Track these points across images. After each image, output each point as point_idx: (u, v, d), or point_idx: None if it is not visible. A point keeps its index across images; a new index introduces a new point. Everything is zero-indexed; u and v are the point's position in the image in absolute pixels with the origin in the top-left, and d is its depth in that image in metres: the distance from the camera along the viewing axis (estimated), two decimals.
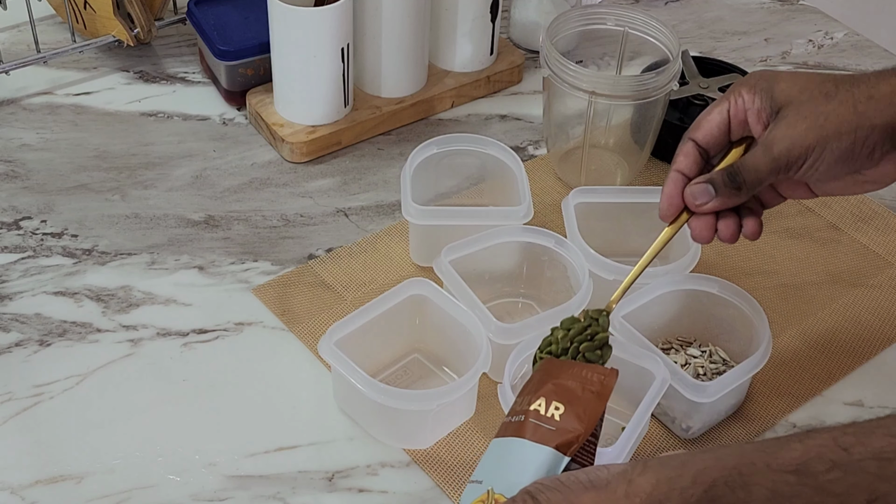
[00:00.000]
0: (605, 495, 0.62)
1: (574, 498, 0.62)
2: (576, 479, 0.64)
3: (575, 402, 0.69)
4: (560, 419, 0.68)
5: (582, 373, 0.71)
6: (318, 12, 1.03)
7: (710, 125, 0.81)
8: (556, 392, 0.69)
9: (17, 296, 0.96)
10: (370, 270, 0.99)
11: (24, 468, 0.83)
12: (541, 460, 0.67)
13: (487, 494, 0.67)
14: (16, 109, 1.14)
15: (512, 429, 0.69)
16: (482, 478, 0.69)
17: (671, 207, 0.81)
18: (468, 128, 1.15)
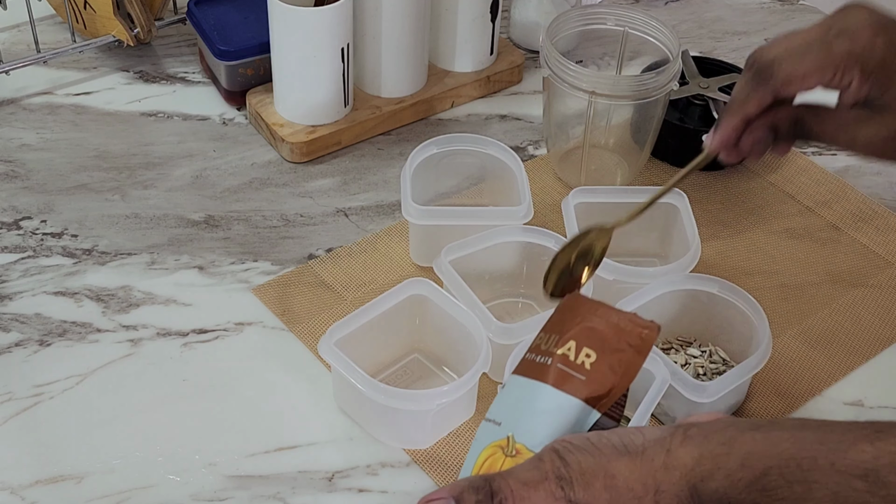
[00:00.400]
0: (640, 464, 0.58)
1: (606, 463, 0.59)
2: (608, 442, 0.59)
3: (609, 352, 0.63)
4: (591, 368, 0.62)
5: (617, 320, 0.64)
6: (318, 12, 1.03)
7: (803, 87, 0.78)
8: (587, 337, 0.63)
9: (17, 296, 0.96)
10: (370, 270, 0.99)
11: (24, 468, 0.83)
12: (567, 412, 0.62)
13: (508, 441, 0.62)
14: (16, 109, 1.14)
15: (536, 371, 0.63)
16: (501, 419, 0.64)
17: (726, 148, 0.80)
18: (468, 128, 1.15)
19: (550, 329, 0.65)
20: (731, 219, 1.06)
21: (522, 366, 0.65)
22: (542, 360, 0.63)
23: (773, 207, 1.08)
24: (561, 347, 0.63)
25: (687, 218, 0.95)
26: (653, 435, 0.59)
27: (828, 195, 1.09)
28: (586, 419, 0.62)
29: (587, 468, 0.59)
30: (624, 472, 0.58)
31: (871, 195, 1.10)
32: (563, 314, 0.65)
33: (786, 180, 1.10)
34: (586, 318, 0.64)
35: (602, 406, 0.62)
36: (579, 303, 0.65)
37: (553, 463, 0.59)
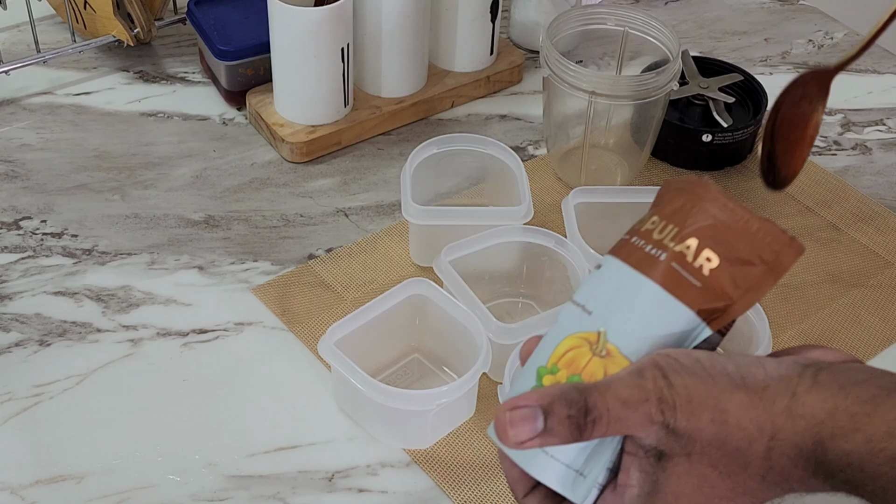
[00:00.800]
0: (759, 404, 0.51)
1: (718, 394, 0.51)
2: (723, 369, 0.52)
3: (735, 262, 0.54)
4: (710, 275, 0.53)
5: (757, 228, 0.55)
6: (318, 12, 1.03)
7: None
8: (714, 237, 0.54)
9: (17, 296, 0.96)
10: (370, 270, 0.99)
11: (24, 468, 0.83)
12: (674, 321, 0.54)
13: (599, 338, 0.54)
14: (16, 109, 1.14)
15: (644, 262, 0.55)
16: (592, 307, 0.55)
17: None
18: (468, 128, 1.15)
19: (668, 215, 0.55)
20: None
21: (626, 250, 0.56)
22: (653, 252, 0.54)
23: (773, 207, 1.08)
24: (679, 243, 0.54)
25: None
26: (775, 371, 0.52)
27: (828, 195, 1.09)
28: (693, 333, 0.54)
29: (695, 395, 0.51)
30: (738, 408, 0.51)
31: (871, 195, 1.10)
32: (686, 201, 0.56)
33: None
34: (717, 216, 0.54)
35: (715, 323, 0.53)
36: (710, 194, 0.55)
37: (656, 382, 0.52)
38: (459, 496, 0.83)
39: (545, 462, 0.55)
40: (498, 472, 0.84)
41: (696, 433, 0.52)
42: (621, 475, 0.54)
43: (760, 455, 0.52)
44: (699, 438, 0.52)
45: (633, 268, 0.55)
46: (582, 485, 0.55)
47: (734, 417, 0.52)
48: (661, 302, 0.54)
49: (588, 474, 0.55)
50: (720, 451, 0.52)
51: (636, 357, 0.54)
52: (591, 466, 0.55)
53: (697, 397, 0.51)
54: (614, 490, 0.55)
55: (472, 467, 0.85)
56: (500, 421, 0.53)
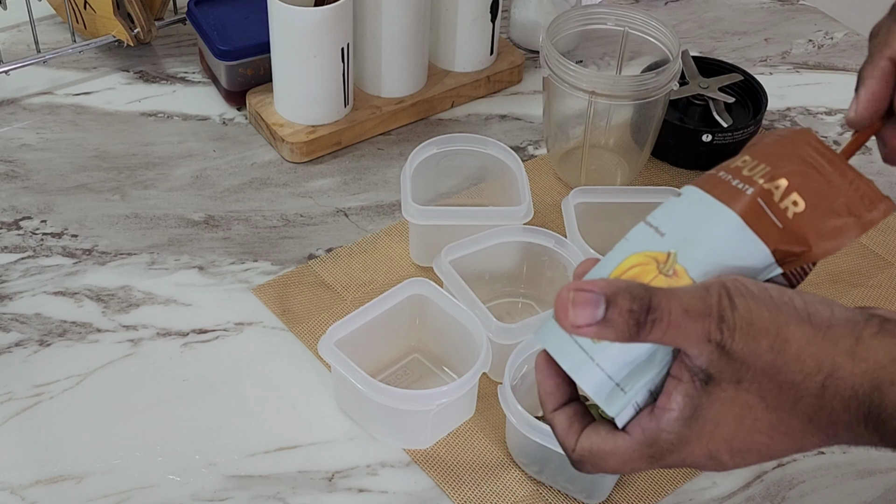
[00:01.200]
0: (822, 340, 0.51)
1: (783, 324, 0.51)
2: (789, 301, 0.51)
3: (822, 210, 0.53)
4: (793, 218, 0.53)
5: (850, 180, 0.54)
6: (318, 12, 1.03)
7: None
8: (804, 183, 0.54)
9: (17, 296, 0.96)
10: (370, 270, 0.99)
11: (24, 468, 0.83)
12: (748, 255, 0.53)
13: (668, 258, 0.54)
14: (16, 109, 1.14)
15: (727, 193, 0.54)
16: (665, 230, 0.55)
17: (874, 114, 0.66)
18: (468, 128, 1.15)
19: (762, 156, 0.55)
20: None
21: (711, 182, 0.55)
22: (739, 185, 0.54)
23: None
24: (768, 181, 0.53)
25: None
26: (842, 314, 0.51)
27: None
28: (765, 271, 0.53)
29: (758, 320, 0.50)
30: (800, 340, 0.50)
31: None
32: (784, 146, 0.55)
33: None
34: (812, 163, 0.54)
35: (788, 265, 0.53)
36: (811, 143, 0.55)
37: (721, 300, 0.51)
38: (459, 496, 0.83)
39: (587, 366, 0.54)
40: (498, 471, 0.84)
41: (751, 358, 0.51)
42: (662, 398, 0.54)
43: (813, 392, 0.51)
44: (753, 364, 0.51)
45: (716, 198, 0.54)
46: (619, 399, 0.54)
47: (794, 349, 0.51)
48: (738, 233, 0.53)
49: (628, 390, 0.54)
50: (772, 382, 0.51)
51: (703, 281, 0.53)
52: (633, 383, 0.54)
53: (760, 322, 0.51)
54: (652, 412, 0.54)
55: (472, 467, 0.85)
56: (562, 300, 0.52)
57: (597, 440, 0.56)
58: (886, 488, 0.86)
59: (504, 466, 0.85)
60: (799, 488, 0.85)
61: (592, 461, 0.56)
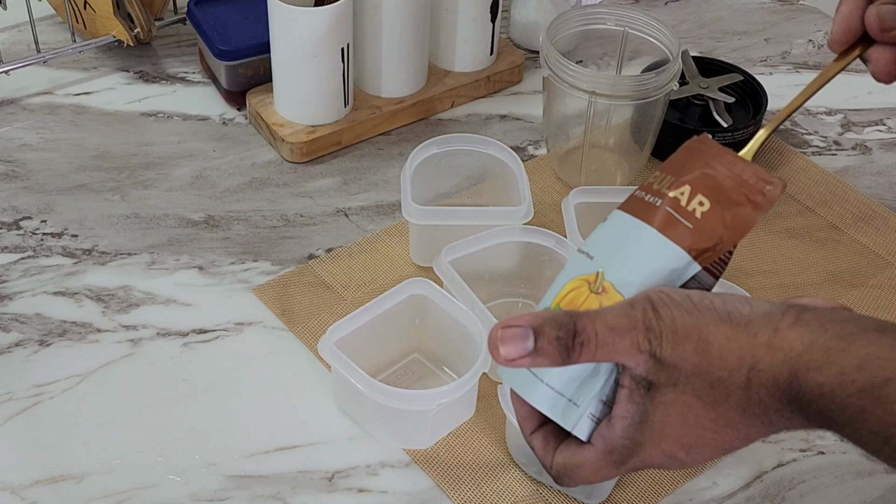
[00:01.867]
0: (742, 336, 0.53)
1: (703, 325, 0.54)
2: (710, 304, 0.55)
3: (725, 203, 0.58)
4: (701, 217, 0.58)
5: (741, 171, 0.59)
6: (318, 12, 1.03)
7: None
8: (704, 184, 0.58)
9: (17, 296, 0.96)
10: (370, 270, 0.99)
11: (24, 468, 0.83)
12: (666, 259, 0.58)
13: (597, 277, 0.58)
14: (16, 109, 1.14)
15: (642, 210, 0.59)
16: (594, 253, 0.60)
17: (847, 33, 0.69)
18: (468, 128, 1.15)
19: (668, 169, 0.60)
20: None
21: (629, 202, 0.60)
22: (651, 200, 0.59)
23: (773, 207, 1.07)
24: (674, 190, 0.58)
25: None
26: (761, 308, 0.54)
27: (828, 195, 1.09)
28: (685, 270, 0.57)
29: (681, 326, 0.54)
30: (721, 339, 0.54)
31: (871, 195, 1.10)
32: (684, 155, 0.60)
33: (786, 180, 1.10)
34: (708, 164, 0.59)
35: (705, 259, 0.57)
36: (705, 147, 0.60)
37: (645, 313, 0.54)
38: (459, 496, 0.83)
39: (537, 387, 0.59)
40: (498, 471, 0.84)
41: (680, 362, 0.54)
42: (616, 407, 0.57)
43: (740, 385, 0.54)
44: (683, 367, 0.55)
45: (632, 215, 0.59)
46: (573, 413, 0.59)
47: (717, 348, 0.54)
48: (654, 242, 0.58)
49: (580, 403, 0.59)
50: (703, 381, 0.55)
51: (630, 292, 0.57)
52: (583, 396, 0.58)
53: (683, 328, 0.54)
54: (609, 422, 0.58)
55: (472, 467, 0.85)
56: (492, 338, 0.56)
57: (568, 455, 0.60)
58: (886, 488, 0.86)
59: (504, 466, 0.85)
60: (799, 488, 0.85)
61: (568, 474, 0.60)
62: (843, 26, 0.69)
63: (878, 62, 0.68)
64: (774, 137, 1.15)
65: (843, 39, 0.69)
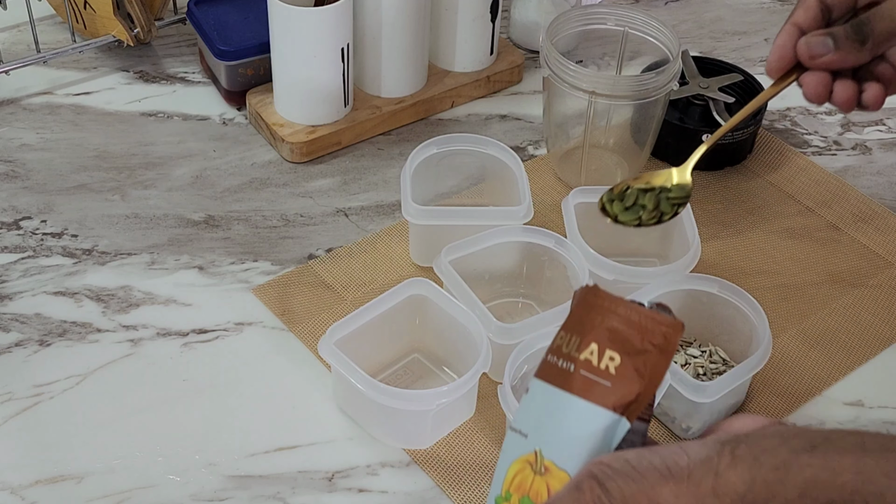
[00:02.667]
0: (687, 489, 0.54)
1: (649, 489, 0.54)
2: (649, 465, 0.55)
3: (633, 354, 0.58)
4: (616, 372, 0.58)
5: (637, 319, 0.59)
6: (318, 12, 1.03)
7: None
8: (609, 338, 0.59)
9: (17, 296, 0.96)
10: (370, 270, 0.99)
11: (24, 468, 0.83)
12: (596, 423, 0.58)
13: (536, 457, 0.59)
14: (16, 109, 1.14)
15: (559, 378, 0.59)
16: (527, 430, 0.60)
17: (781, 60, 0.74)
18: (468, 128, 1.15)
19: (571, 328, 0.60)
20: (731, 219, 1.06)
21: (545, 369, 0.61)
22: (565, 366, 0.59)
23: (773, 207, 1.08)
24: (583, 351, 0.59)
25: (687, 218, 0.95)
26: (697, 454, 0.55)
27: (828, 195, 1.09)
28: (616, 428, 0.58)
29: (630, 495, 0.55)
30: (669, 498, 0.54)
31: (871, 195, 1.10)
32: (582, 310, 0.61)
33: (786, 180, 1.10)
34: (606, 318, 0.59)
35: (632, 413, 0.58)
36: (598, 299, 0.61)
37: (593, 492, 0.55)
38: (459, 496, 0.83)
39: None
40: None
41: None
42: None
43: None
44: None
45: (552, 384, 0.59)
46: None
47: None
48: (579, 409, 0.58)
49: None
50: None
51: (571, 466, 0.58)
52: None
53: (632, 497, 0.55)
54: None
55: (472, 467, 0.85)
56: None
57: None
58: None
59: None
60: None
61: None
62: (778, 55, 0.75)
63: (808, 86, 0.74)
64: (774, 137, 1.15)
65: (778, 67, 0.75)
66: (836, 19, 0.75)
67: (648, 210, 0.78)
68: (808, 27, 0.74)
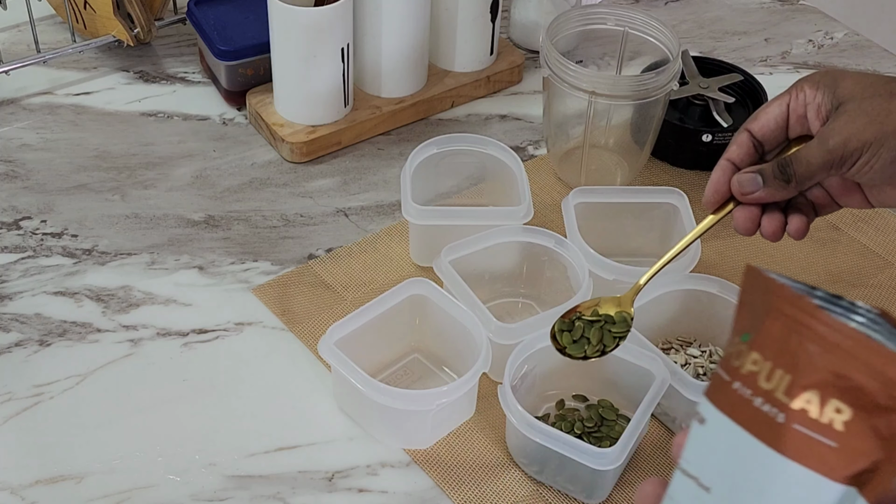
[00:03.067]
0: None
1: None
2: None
3: (870, 410, 0.43)
4: (846, 429, 0.43)
5: (880, 363, 0.42)
6: (318, 12, 1.03)
7: (768, 117, 0.79)
8: (836, 384, 0.43)
9: (17, 296, 0.96)
10: (370, 270, 0.99)
11: (24, 468, 0.84)
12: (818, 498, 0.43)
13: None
14: (16, 109, 1.14)
15: (763, 428, 0.44)
16: (709, 483, 0.46)
17: (716, 195, 0.80)
18: (468, 128, 1.15)
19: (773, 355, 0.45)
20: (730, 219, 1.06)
21: (730, 400, 0.45)
22: (767, 410, 0.44)
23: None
24: (796, 399, 0.43)
25: (687, 218, 0.95)
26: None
27: None
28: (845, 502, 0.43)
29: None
30: None
31: None
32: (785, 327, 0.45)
33: None
34: (835, 359, 0.43)
35: (870, 490, 0.43)
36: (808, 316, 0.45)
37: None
38: (459, 496, 0.83)
39: None
40: (498, 471, 0.84)
41: None
42: None
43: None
44: None
45: (748, 431, 0.44)
46: None
47: None
48: (794, 477, 0.43)
49: None
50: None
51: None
52: None
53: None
54: None
55: (472, 467, 0.85)
56: None
57: None
58: None
59: (504, 466, 0.85)
60: None
61: None
62: (713, 189, 0.80)
63: (738, 220, 0.80)
64: None
65: (713, 200, 0.80)
66: (769, 151, 0.80)
67: (592, 344, 0.82)
68: (742, 163, 0.79)
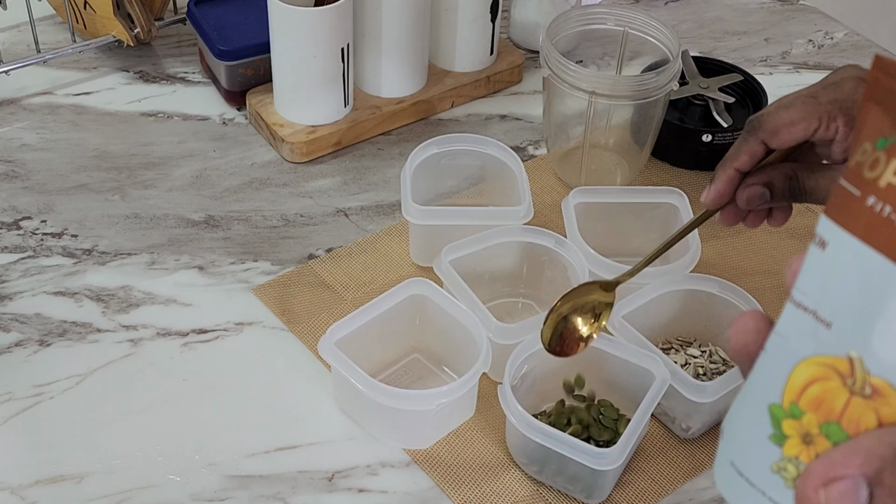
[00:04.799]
0: None
1: None
2: None
3: None
4: None
5: None
6: (318, 12, 1.03)
7: (790, 136, 0.77)
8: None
9: (17, 296, 0.96)
10: (370, 270, 0.99)
11: (24, 468, 0.84)
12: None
13: (852, 368, 0.39)
14: (16, 109, 1.14)
15: None
16: (830, 317, 0.39)
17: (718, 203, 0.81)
18: (468, 128, 1.15)
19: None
20: None
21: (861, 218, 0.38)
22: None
23: None
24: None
25: (687, 218, 0.95)
26: None
27: None
28: None
29: None
30: None
31: None
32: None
33: None
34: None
35: None
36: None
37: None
38: (459, 496, 0.83)
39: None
40: (498, 471, 0.84)
41: None
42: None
43: None
44: None
45: (884, 255, 0.38)
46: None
47: None
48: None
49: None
50: None
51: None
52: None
53: None
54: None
55: (472, 467, 0.85)
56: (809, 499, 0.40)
57: None
58: None
59: (504, 466, 0.85)
60: None
61: None
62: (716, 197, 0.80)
63: (728, 218, 0.82)
64: None
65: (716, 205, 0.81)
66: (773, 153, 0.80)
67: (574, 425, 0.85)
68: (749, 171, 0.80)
